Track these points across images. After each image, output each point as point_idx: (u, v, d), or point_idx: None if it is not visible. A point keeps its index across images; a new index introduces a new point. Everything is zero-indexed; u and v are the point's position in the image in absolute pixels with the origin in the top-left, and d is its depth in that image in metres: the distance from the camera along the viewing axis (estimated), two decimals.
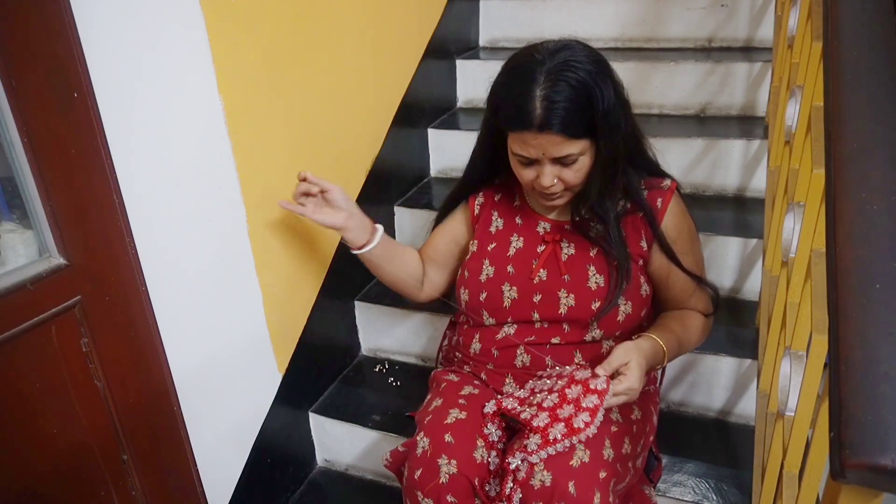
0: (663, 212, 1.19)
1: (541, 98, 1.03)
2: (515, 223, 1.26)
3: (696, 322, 1.24)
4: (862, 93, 0.78)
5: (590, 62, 1.06)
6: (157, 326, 1.15)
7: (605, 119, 1.05)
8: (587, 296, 1.17)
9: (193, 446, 1.27)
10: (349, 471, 1.69)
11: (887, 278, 0.59)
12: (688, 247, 1.22)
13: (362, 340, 1.85)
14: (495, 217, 1.29)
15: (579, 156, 1.08)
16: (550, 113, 1.02)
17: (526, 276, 1.21)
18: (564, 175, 1.10)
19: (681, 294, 1.23)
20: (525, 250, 1.23)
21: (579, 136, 1.05)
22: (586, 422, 1.02)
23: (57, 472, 1.02)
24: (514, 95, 1.06)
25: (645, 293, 1.19)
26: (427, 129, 2.10)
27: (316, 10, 1.49)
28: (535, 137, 1.05)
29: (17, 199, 0.97)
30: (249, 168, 1.32)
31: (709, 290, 1.26)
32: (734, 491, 1.33)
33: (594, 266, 1.18)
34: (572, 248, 1.20)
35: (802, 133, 1.10)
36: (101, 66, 0.99)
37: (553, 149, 1.06)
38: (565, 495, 1.00)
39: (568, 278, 1.18)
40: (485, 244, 1.27)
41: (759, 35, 2.09)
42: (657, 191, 1.20)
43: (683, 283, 1.21)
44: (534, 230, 1.24)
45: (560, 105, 1.02)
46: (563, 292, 1.18)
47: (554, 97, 1.02)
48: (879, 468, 0.49)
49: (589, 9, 2.23)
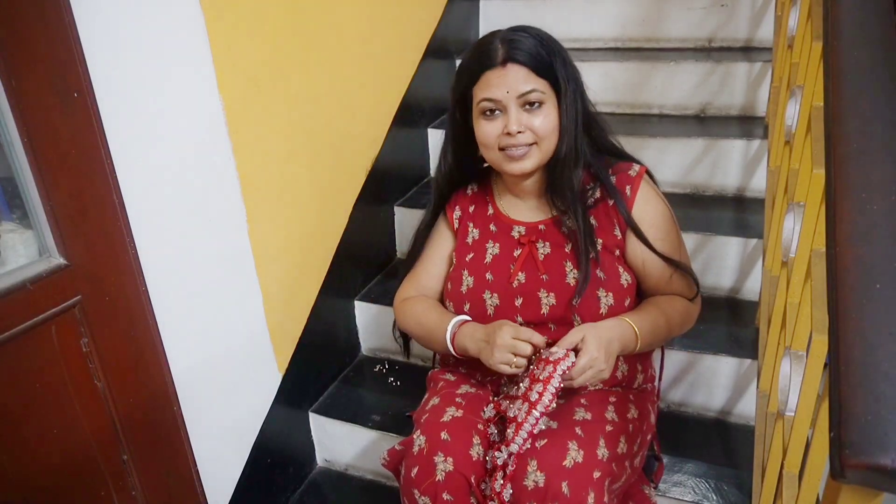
0: (633, 198, 1.18)
1: (501, 40, 1.11)
2: (490, 231, 1.26)
3: (677, 305, 1.21)
4: (862, 93, 0.78)
5: (548, 34, 1.14)
6: (157, 326, 1.15)
7: (564, 70, 1.11)
8: (566, 292, 1.16)
9: (193, 446, 1.27)
10: (349, 471, 1.69)
11: (887, 278, 0.59)
12: (662, 232, 1.19)
13: (362, 340, 1.85)
14: (471, 228, 1.29)
15: (542, 101, 1.11)
16: (513, 48, 1.09)
17: (505, 282, 1.20)
18: (532, 123, 1.11)
19: (660, 281, 1.20)
20: (502, 256, 1.23)
21: (541, 73, 1.10)
22: (539, 392, 1.02)
23: (57, 472, 1.02)
24: (478, 48, 1.14)
25: (626, 283, 1.18)
26: (427, 129, 2.10)
27: (316, 10, 1.49)
28: (500, 74, 1.10)
29: (17, 199, 0.97)
30: (249, 168, 1.32)
31: (689, 273, 1.23)
32: (734, 491, 1.33)
33: (570, 262, 1.18)
34: (548, 246, 1.20)
35: (802, 133, 1.10)
36: (101, 67, 0.99)
37: (517, 83, 1.09)
38: (558, 495, 0.99)
39: (546, 277, 1.18)
40: (463, 255, 1.27)
41: (759, 35, 2.09)
42: (625, 176, 1.19)
43: (662, 270, 1.19)
44: (508, 235, 1.24)
45: (521, 42, 1.10)
46: (542, 292, 1.18)
47: (515, 38, 1.10)
48: (879, 468, 0.49)
49: (589, 9, 2.24)
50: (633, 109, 2.09)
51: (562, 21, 2.25)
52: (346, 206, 1.72)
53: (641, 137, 1.86)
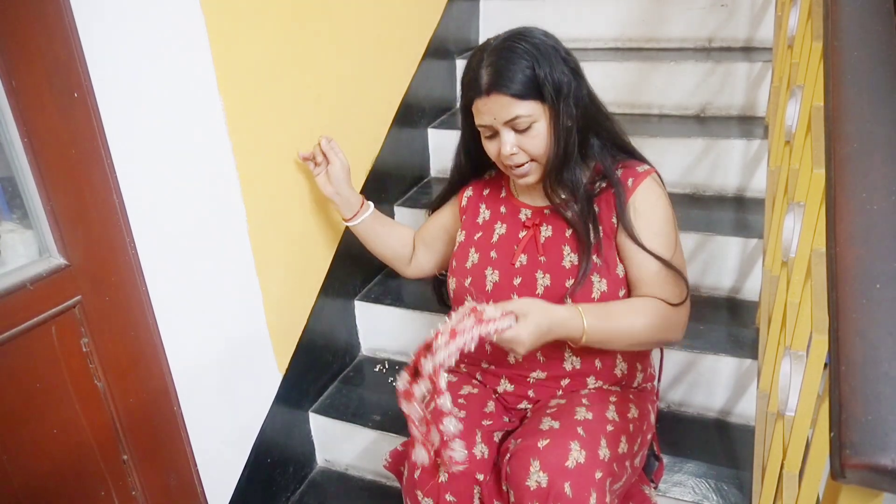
0: (633, 190, 1.17)
1: (486, 65, 1.10)
2: (500, 212, 1.29)
3: (653, 309, 1.14)
4: (862, 93, 0.78)
5: (540, 35, 1.13)
6: (157, 326, 1.15)
7: (551, 80, 1.09)
8: (562, 274, 1.17)
9: (193, 446, 1.27)
10: (349, 471, 1.69)
11: (887, 278, 0.59)
12: (656, 227, 1.16)
13: (362, 340, 1.85)
14: (483, 209, 1.32)
15: (531, 121, 1.11)
16: (495, 76, 1.09)
17: (507, 261, 1.22)
18: (524, 144, 1.12)
19: (643, 274, 1.16)
20: (507, 236, 1.25)
21: (525, 96, 1.09)
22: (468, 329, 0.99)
23: (57, 472, 1.02)
24: (467, 71, 1.15)
25: (622, 272, 1.18)
26: (427, 129, 2.10)
27: (316, 10, 1.49)
28: (486, 103, 1.11)
29: (17, 199, 0.97)
30: (249, 168, 1.32)
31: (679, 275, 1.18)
32: (734, 491, 1.33)
33: (569, 246, 1.18)
34: (550, 230, 1.22)
35: (802, 133, 1.10)
36: (101, 67, 0.99)
37: (501, 111, 1.10)
38: (561, 496, 1.00)
39: (544, 259, 1.19)
40: (472, 234, 1.30)
41: (759, 35, 2.09)
42: (632, 171, 1.19)
43: (648, 265, 1.15)
44: (516, 217, 1.26)
45: (503, 68, 1.09)
46: (539, 273, 1.19)
47: (497, 62, 1.09)
48: (879, 468, 0.49)
49: (589, 9, 2.24)
50: (633, 109, 2.09)
51: (562, 21, 2.25)
52: None
53: (641, 137, 1.85)
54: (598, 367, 1.20)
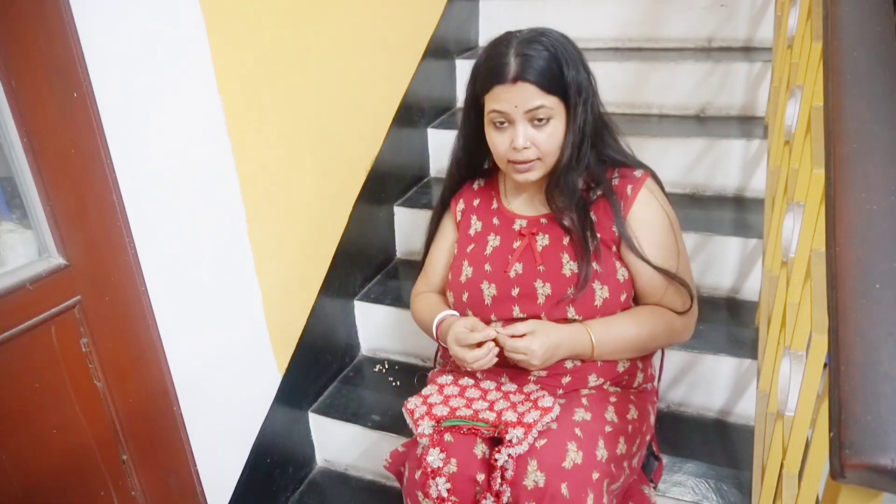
0: (632, 199, 1.18)
1: (515, 54, 1.10)
2: (493, 224, 1.28)
3: (660, 318, 1.19)
4: (862, 93, 0.78)
5: (563, 37, 1.14)
6: (157, 326, 1.15)
7: (575, 82, 1.11)
8: (562, 283, 1.17)
9: (193, 446, 1.27)
10: (349, 471, 1.69)
11: (887, 278, 0.59)
12: (659, 238, 1.18)
13: (362, 340, 1.85)
14: (474, 221, 1.31)
15: (550, 116, 1.11)
16: (524, 65, 1.09)
17: (502, 272, 1.22)
18: (536, 139, 1.13)
19: (648, 287, 1.19)
20: (501, 248, 1.25)
21: (550, 90, 1.10)
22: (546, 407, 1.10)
23: (57, 472, 1.02)
24: (492, 58, 1.14)
25: (623, 278, 1.17)
26: (427, 129, 2.10)
27: (316, 11, 1.49)
28: (510, 90, 1.11)
29: (17, 199, 0.97)
30: (249, 168, 1.32)
31: (683, 286, 1.20)
32: (734, 491, 1.33)
33: (568, 254, 1.18)
34: (547, 238, 1.21)
35: (802, 133, 1.10)
36: (101, 66, 0.99)
37: (525, 101, 1.10)
38: (557, 496, 1.00)
39: (543, 268, 1.19)
40: (464, 247, 1.29)
41: (759, 35, 2.09)
42: (628, 179, 1.20)
43: (651, 276, 1.17)
44: (510, 228, 1.25)
45: (533, 58, 1.10)
46: (539, 282, 1.18)
47: (527, 52, 1.10)
48: (879, 468, 0.49)
49: (589, 9, 2.23)
50: (632, 109, 2.09)
51: (562, 21, 2.23)
52: (346, 206, 1.72)
53: (641, 137, 1.85)
54: (599, 365, 1.20)
